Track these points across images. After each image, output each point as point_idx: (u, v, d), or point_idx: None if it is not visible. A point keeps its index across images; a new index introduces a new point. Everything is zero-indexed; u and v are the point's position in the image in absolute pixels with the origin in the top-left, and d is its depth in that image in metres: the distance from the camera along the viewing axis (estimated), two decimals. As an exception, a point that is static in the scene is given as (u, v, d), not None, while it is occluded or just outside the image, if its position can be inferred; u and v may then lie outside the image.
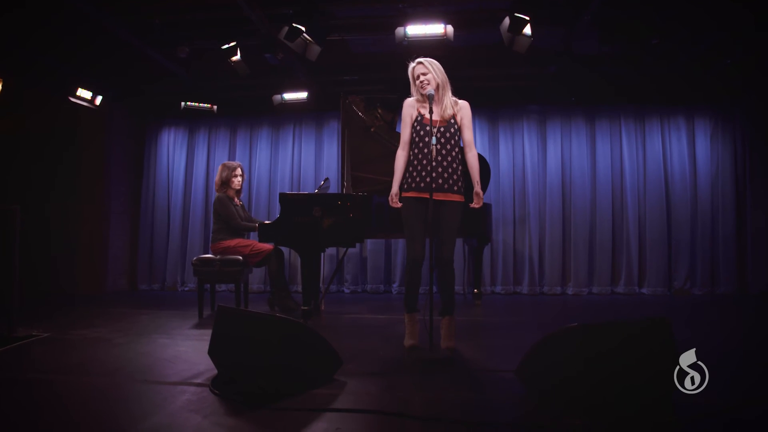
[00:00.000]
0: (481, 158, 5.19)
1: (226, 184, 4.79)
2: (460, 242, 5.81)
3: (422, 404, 2.17)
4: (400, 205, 3.12)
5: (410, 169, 3.12)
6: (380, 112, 4.95)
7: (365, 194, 4.32)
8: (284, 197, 4.33)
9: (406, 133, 3.16)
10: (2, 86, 5.29)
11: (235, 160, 7.07)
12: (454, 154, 3.09)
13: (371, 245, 6.68)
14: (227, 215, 4.66)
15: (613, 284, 6.50)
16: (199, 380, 2.47)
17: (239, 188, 4.89)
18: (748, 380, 2.48)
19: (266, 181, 7.08)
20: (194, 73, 6.20)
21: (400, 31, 4.40)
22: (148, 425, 1.90)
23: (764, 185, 6.31)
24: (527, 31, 4.36)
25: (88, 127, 6.65)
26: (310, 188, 6.82)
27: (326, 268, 6.37)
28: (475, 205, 3.12)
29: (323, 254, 4.81)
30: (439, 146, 3.03)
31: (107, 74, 6.20)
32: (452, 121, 3.10)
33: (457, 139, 3.12)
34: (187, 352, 3.14)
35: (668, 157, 6.57)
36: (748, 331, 4.08)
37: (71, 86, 5.81)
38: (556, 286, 6.52)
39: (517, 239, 6.66)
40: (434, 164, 3.01)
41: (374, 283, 6.75)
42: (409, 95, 3.19)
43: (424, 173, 3.03)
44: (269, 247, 4.65)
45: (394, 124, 5.08)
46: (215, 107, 6.47)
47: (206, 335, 3.50)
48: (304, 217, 4.19)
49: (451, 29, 4.36)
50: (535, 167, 6.71)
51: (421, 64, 3.08)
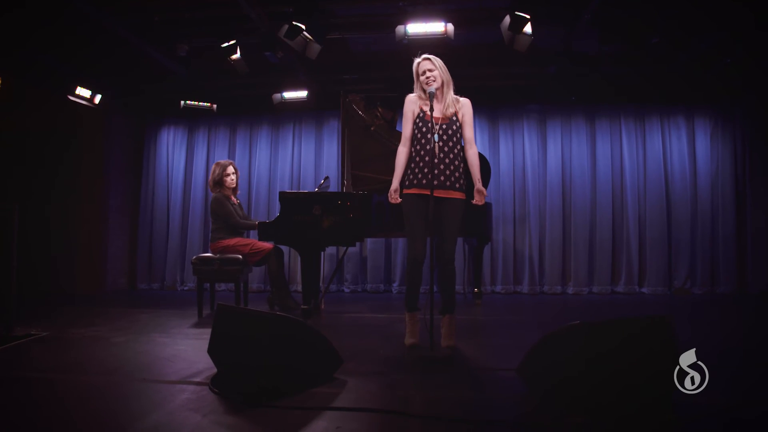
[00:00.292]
0: (481, 156, 5.18)
1: (219, 183, 4.73)
2: (460, 241, 5.80)
3: (423, 403, 2.15)
4: (399, 200, 3.11)
5: (412, 165, 3.11)
6: (380, 110, 4.94)
7: (365, 193, 4.30)
8: (284, 196, 4.32)
9: (407, 128, 3.14)
10: (1, 85, 5.27)
11: (234, 159, 7.05)
12: (456, 151, 3.08)
13: (371, 244, 6.67)
14: (225, 214, 4.63)
15: (613, 284, 6.49)
16: (198, 379, 2.46)
17: (234, 186, 4.81)
18: (748, 380, 2.47)
19: (266, 180, 7.06)
20: (194, 71, 6.18)
21: (400, 29, 4.39)
22: (147, 424, 1.88)
23: (764, 184, 6.30)
24: (528, 29, 4.35)
25: (87, 126, 6.63)
26: (310, 187, 6.80)
27: (326, 267, 6.36)
28: (477, 201, 3.10)
29: (323, 253, 4.80)
30: (441, 143, 3.02)
31: (106, 73, 6.18)
32: (454, 118, 3.09)
33: (459, 136, 3.11)
34: (186, 350, 3.13)
35: (668, 156, 6.57)
36: (748, 330, 4.07)
37: (70, 85, 5.79)
38: (556, 285, 6.51)
39: (517, 238, 6.65)
40: (436, 161, 3.00)
41: (374, 282, 6.74)
42: (409, 93, 3.17)
43: (426, 170, 3.02)
44: (269, 246, 4.63)
45: (394, 123, 5.07)
46: (215, 106, 6.45)
47: (206, 334, 3.48)
48: (304, 215, 4.18)
49: (451, 27, 4.35)
50: (535, 166, 6.70)
51: (428, 60, 3.08)
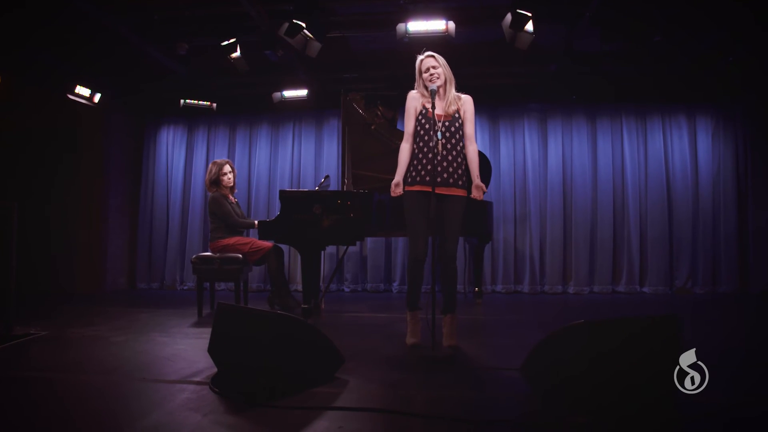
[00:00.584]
0: (482, 155, 5.17)
1: (216, 182, 4.69)
2: (460, 241, 5.78)
3: (425, 402, 2.14)
4: (400, 193, 3.09)
5: (414, 162, 3.09)
6: (381, 109, 4.92)
7: (366, 192, 4.28)
8: (284, 194, 4.30)
9: (410, 125, 3.12)
10: (1, 84, 5.25)
11: (234, 158, 7.03)
12: (458, 148, 3.07)
13: (371, 244, 6.66)
14: (223, 213, 4.61)
15: (614, 283, 6.47)
16: (198, 378, 2.44)
17: (231, 185, 4.78)
18: (749, 380, 2.46)
19: (266, 179, 7.05)
20: (193, 70, 6.16)
21: (401, 27, 4.37)
22: (147, 423, 1.86)
23: (766, 184, 6.29)
24: (529, 27, 4.33)
25: (86, 125, 6.61)
26: (309, 186, 6.79)
27: (326, 266, 6.34)
28: (476, 196, 3.08)
29: (323, 253, 4.78)
30: (443, 140, 3.01)
31: (106, 72, 6.16)
32: (456, 115, 3.08)
33: (461, 134, 3.09)
34: (186, 350, 3.11)
35: (669, 155, 6.55)
36: (749, 330, 4.05)
37: (70, 84, 5.77)
38: (557, 285, 6.49)
39: (517, 238, 6.64)
40: (439, 159, 2.99)
41: (374, 282, 6.72)
42: (409, 91, 3.16)
43: (429, 167, 3.00)
44: (269, 244, 4.61)
45: (394, 121, 5.05)
46: (214, 105, 6.44)
47: (205, 333, 3.46)
48: (304, 214, 4.16)
49: (452, 25, 4.33)
50: (535, 165, 6.68)
51: (431, 57, 3.07)
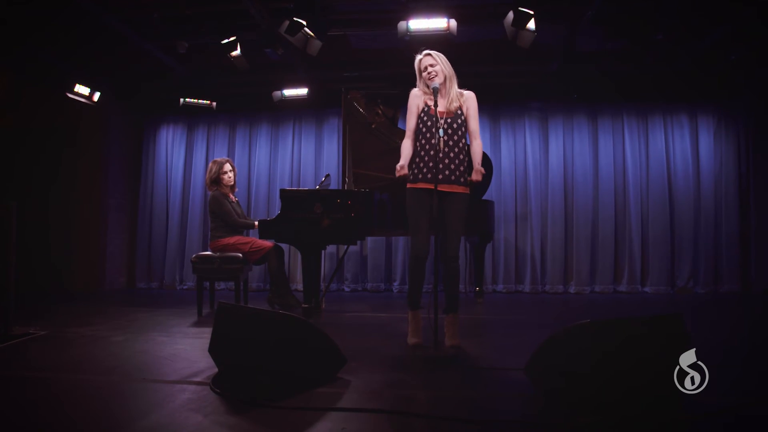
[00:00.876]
0: (484, 155, 5.16)
1: (216, 181, 4.67)
2: (461, 240, 5.75)
3: (428, 403, 2.11)
4: (405, 173, 3.04)
5: (416, 160, 3.08)
6: (381, 108, 4.89)
7: (367, 191, 4.26)
8: (285, 193, 4.27)
9: (411, 122, 3.12)
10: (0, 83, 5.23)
11: (234, 157, 7.00)
12: (461, 145, 3.06)
13: (372, 243, 6.63)
14: (223, 213, 4.58)
15: (615, 283, 6.45)
16: (199, 378, 2.42)
17: (232, 184, 4.75)
18: (750, 380, 2.44)
19: (266, 178, 7.02)
20: (193, 69, 6.13)
21: (402, 25, 4.35)
22: (147, 424, 1.84)
23: (768, 183, 6.27)
24: (531, 25, 4.31)
25: (85, 123, 6.58)
26: (310, 185, 6.76)
27: (326, 266, 6.32)
28: (474, 178, 3.03)
29: (323, 252, 4.76)
30: (446, 138, 3.00)
31: (105, 70, 6.13)
32: (459, 112, 3.07)
33: (463, 130, 3.08)
34: (186, 350, 3.09)
35: (671, 154, 6.53)
36: (751, 330, 4.03)
37: (69, 82, 5.74)
38: (558, 284, 6.47)
39: (518, 237, 6.61)
40: (441, 156, 2.97)
41: (374, 281, 6.70)
42: (410, 90, 3.15)
43: (431, 164, 2.99)
44: (269, 244, 4.59)
45: (395, 120, 5.03)
46: (214, 103, 6.40)
47: (205, 333, 3.44)
48: (305, 213, 4.14)
49: (454, 23, 4.31)
50: (537, 164, 6.66)
51: (429, 55, 3.06)
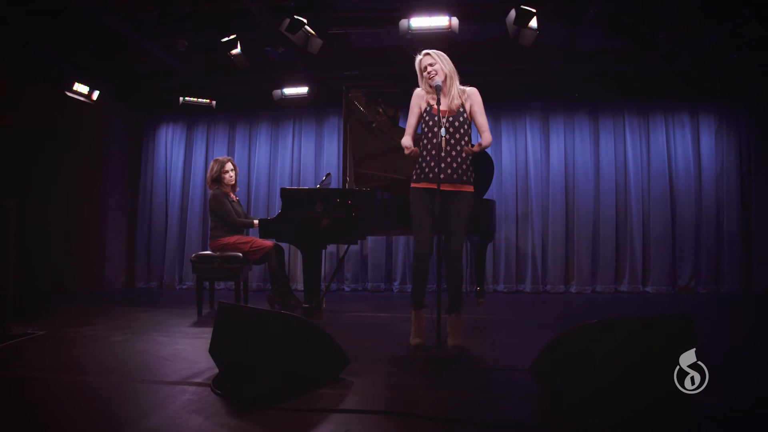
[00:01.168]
0: (486, 156, 5.14)
1: (217, 180, 4.65)
2: (462, 239, 5.73)
3: (432, 404, 2.09)
4: (415, 148, 3.01)
5: (419, 160, 3.07)
6: (382, 107, 4.86)
7: (368, 190, 4.23)
8: (285, 192, 4.24)
9: (412, 120, 3.12)
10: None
11: (233, 156, 6.97)
12: (463, 143, 3.03)
13: (372, 243, 6.60)
14: (223, 212, 4.56)
15: (616, 282, 6.42)
16: (199, 379, 2.39)
17: (233, 183, 4.74)
18: (752, 380, 2.43)
19: (265, 177, 6.99)
20: (193, 67, 6.10)
21: (404, 23, 4.32)
22: (147, 425, 1.81)
23: (770, 183, 6.25)
24: (533, 24, 4.28)
25: (84, 122, 6.54)
26: (310, 184, 6.73)
27: (326, 265, 6.29)
28: (471, 149, 2.97)
29: (324, 251, 4.73)
30: (448, 136, 2.97)
31: (104, 69, 6.10)
32: (461, 110, 3.04)
33: (466, 128, 3.06)
34: (186, 350, 3.06)
35: (672, 154, 6.50)
36: (753, 330, 4.01)
37: (68, 81, 5.70)
38: (559, 284, 6.44)
39: (519, 237, 6.59)
40: (443, 155, 2.95)
41: (375, 281, 6.67)
42: (411, 89, 3.14)
43: (433, 164, 2.98)
44: (269, 243, 4.56)
45: (396, 119, 4.99)
46: (214, 102, 6.37)
47: (205, 333, 3.41)
48: (305, 212, 4.10)
49: (456, 21, 4.28)
50: (537, 164, 6.63)
51: (428, 55, 3.05)
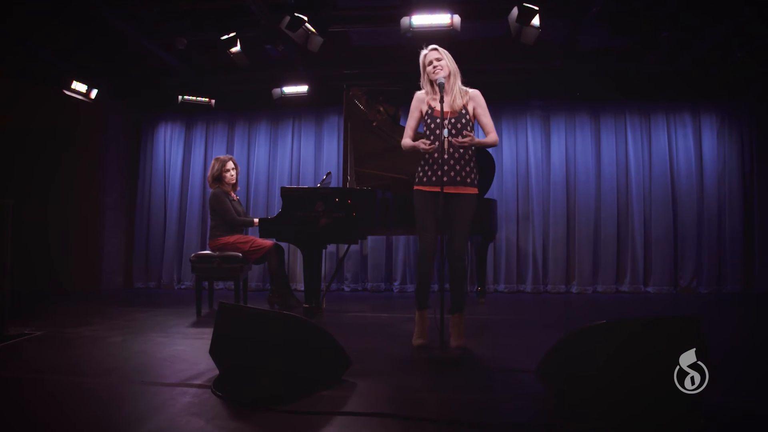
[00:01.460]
0: (487, 155, 5.10)
1: (218, 178, 4.63)
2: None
3: (437, 406, 2.05)
4: (426, 141, 2.94)
5: (422, 162, 3.04)
6: (383, 105, 4.82)
7: (369, 189, 4.19)
8: (286, 191, 4.20)
9: (412, 121, 3.08)
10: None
11: (233, 155, 6.91)
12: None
13: (372, 242, 6.57)
14: (223, 211, 4.53)
15: (618, 283, 6.39)
16: (199, 381, 2.35)
17: (234, 182, 4.73)
18: (753, 380, 2.41)
19: (265, 176, 6.94)
20: (192, 66, 6.05)
21: (405, 20, 4.28)
22: (147, 429, 1.77)
23: (772, 182, 6.22)
24: (535, 22, 4.25)
25: (82, 121, 6.49)
26: (309, 184, 6.69)
27: (326, 265, 6.25)
28: (474, 140, 2.90)
29: (324, 251, 4.69)
30: (450, 138, 2.94)
31: (103, 67, 6.04)
32: (463, 111, 3.00)
33: (469, 129, 3.02)
34: (185, 351, 3.02)
35: (674, 153, 6.47)
36: (754, 330, 3.98)
37: (66, 79, 5.65)
38: (560, 284, 6.41)
39: (520, 237, 6.55)
40: (446, 157, 2.91)
41: (375, 281, 6.63)
42: (412, 87, 3.10)
43: (435, 166, 2.95)
44: (269, 243, 4.52)
45: (397, 118, 4.95)
46: (213, 101, 6.33)
47: (205, 334, 3.37)
48: (306, 212, 4.06)
49: (458, 19, 4.24)
50: (538, 163, 6.60)
51: (435, 50, 3.02)
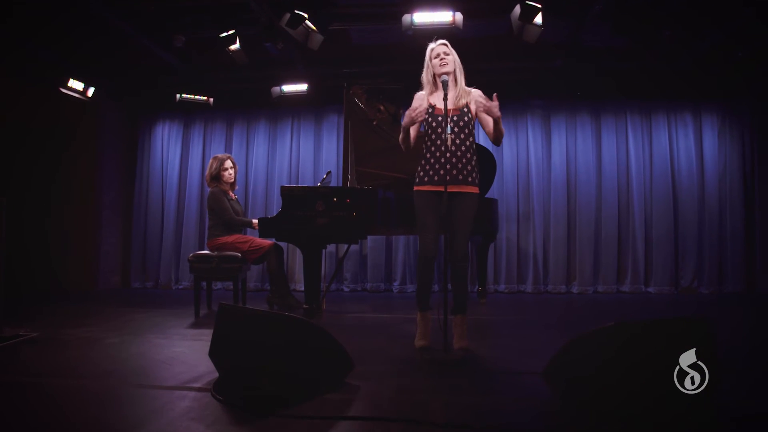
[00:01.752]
0: (487, 153, 5.06)
1: (216, 177, 4.58)
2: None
3: (443, 410, 2.00)
4: (422, 110, 2.89)
5: (422, 162, 3.00)
6: (384, 104, 4.77)
7: (370, 188, 4.15)
8: (286, 190, 4.14)
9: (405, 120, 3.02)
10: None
11: (231, 154, 6.86)
12: (468, 143, 2.96)
13: (371, 242, 6.53)
14: (221, 210, 4.48)
15: (618, 283, 6.36)
16: (199, 384, 2.29)
17: (232, 181, 4.68)
18: (754, 381, 2.38)
19: (263, 175, 6.88)
20: (190, 64, 5.99)
21: (406, 18, 4.24)
22: (145, 435, 1.72)
23: (773, 182, 6.20)
24: (538, 20, 4.21)
25: (79, 119, 6.42)
26: (308, 183, 6.63)
27: (325, 266, 6.20)
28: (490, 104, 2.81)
29: (324, 251, 4.64)
30: (453, 136, 2.90)
31: (100, 65, 5.98)
32: (465, 109, 2.97)
33: (470, 128, 2.99)
34: (184, 353, 2.96)
35: (675, 153, 6.44)
36: (754, 331, 3.95)
37: (62, 77, 5.58)
38: (560, 284, 6.37)
39: (521, 237, 6.52)
40: (448, 155, 2.87)
41: (374, 281, 6.58)
42: (413, 86, 3.06)
43: (437, 165, 2.91)
44: (269, 243, 4.47)
45: (398, 117, 4.90)
46: (211, 100, 6.26)
47: (203, 335, 3.32)
48: (306, 211, 4.02)
49: (460, 17, 4.20)
50: (539, 163, 6.56)
51: (444, 44, 3.00)
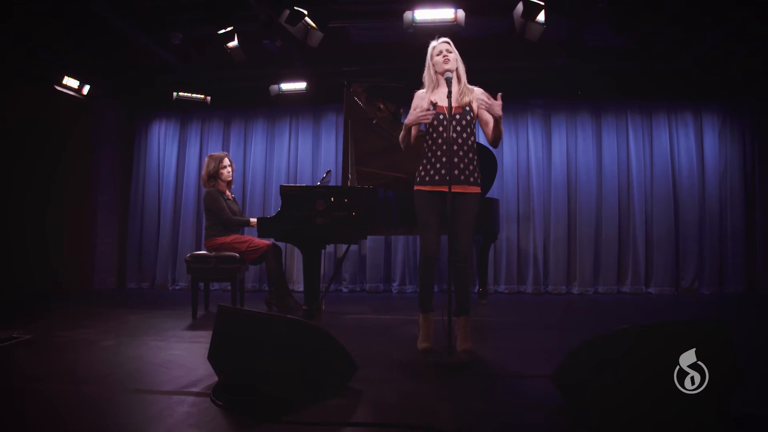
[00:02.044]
0: (488, 153, 5.00)
1: (214, 176, 4.51)
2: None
3: (450, 416, 1.94)
4: (427, 109, 2.83)
5: (424, 161, 2.95)
6: (384, 103, 4.71)
7: (371, 188, 4.08)
8: (285, 190, 4.08)
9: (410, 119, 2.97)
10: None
11: (228, 153, 6.78)
12: (470, 143, 2.91)
13: (371, 243, 6.47)
14: (218, 210, 4.41)
15: (619, 283, 6.32)
16: (198, 389, 2.23)
17: (230, 180, 4.61)
18: (755, 380, 2.32)
19: (261, 175, 6.81)
20: (188, 61, 5.92)
21: (408, 15, 4.18)
22: (142, 442, 1.66)
23: (774, 182, 6.17)
24: (541, 17, 4.16)
25: (74, 118, 6.35)
26: (307, 183, 6.57)
27: (324, 266, 6.13)
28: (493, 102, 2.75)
29: (323, 251, 4.58)
30: (454, 135, 2.85)
31: (95, 62, 5.90)
32: (467, 108, 2.93)
33: (472, 127, 2.96)
34: (182, 355, 2.90)
35: (675, 153, 6.41)
36: (755, 331, 3.91)
37: (57, 75, 5.50)
38: (561, 285, 6.33)
39: (521, 237, 6.47)
40: (449, 154, 2.81)
41: (373, 281, 6.52)
42: (413, 84, 3.02)
43: (438, 165, 2.87)
44: (267, 243, 4.41)
45: (398, 116, 4.85)
46: (209, 98, 6.19)
47: (201, 337, 3.26)
48: (306, 211, 3.95)
49: (462, 14, 4.15)
50: (539, 163, 6.52)
51: (447, 42, 2.98)
